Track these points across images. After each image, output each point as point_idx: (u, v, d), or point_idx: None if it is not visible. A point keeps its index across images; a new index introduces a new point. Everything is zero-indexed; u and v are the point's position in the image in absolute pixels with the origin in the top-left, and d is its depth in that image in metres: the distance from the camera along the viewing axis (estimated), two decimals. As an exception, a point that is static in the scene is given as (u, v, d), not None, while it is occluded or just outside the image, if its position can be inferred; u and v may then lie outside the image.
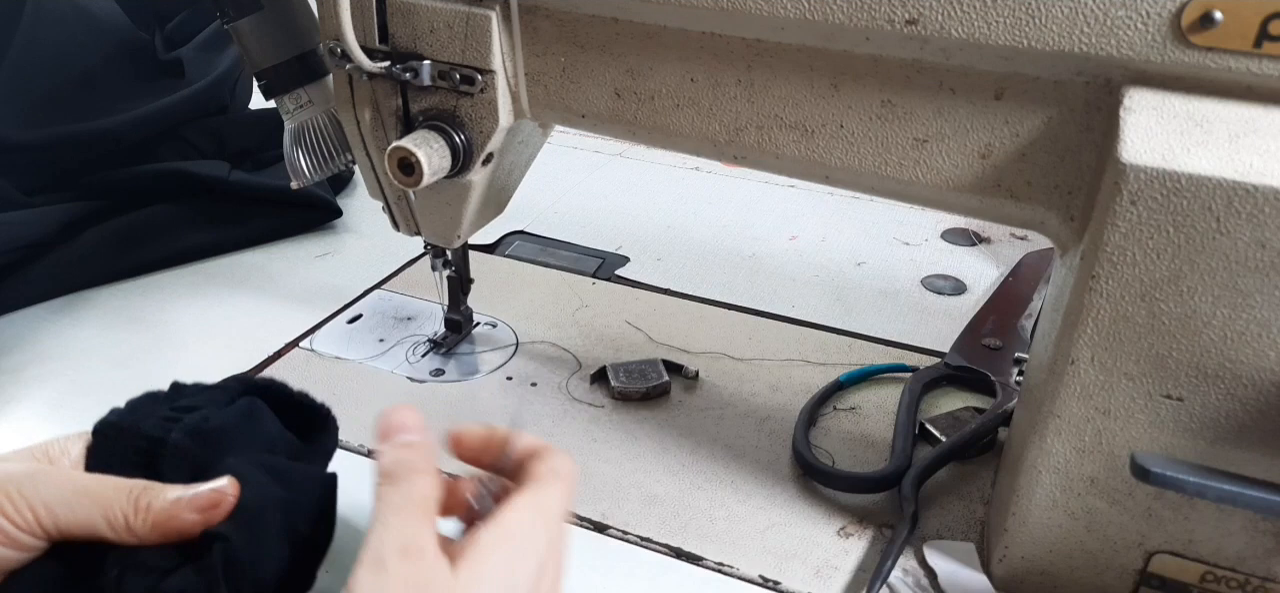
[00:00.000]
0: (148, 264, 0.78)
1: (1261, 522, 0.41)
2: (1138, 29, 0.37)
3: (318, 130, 0.60)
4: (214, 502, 0.36)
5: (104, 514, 0.34)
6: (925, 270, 0.81)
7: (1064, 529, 0.45)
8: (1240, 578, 0.43)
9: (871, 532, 0.53)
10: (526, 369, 0.67)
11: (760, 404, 0.63)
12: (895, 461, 0.56)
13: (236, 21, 0.56)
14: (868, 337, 0.71)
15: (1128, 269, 0.38)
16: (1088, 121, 0.40)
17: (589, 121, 0.52)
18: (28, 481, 0.34)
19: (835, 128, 0.46)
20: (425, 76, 0.52)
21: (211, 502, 0.36)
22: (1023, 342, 0.68)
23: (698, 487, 0.56)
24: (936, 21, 0.40)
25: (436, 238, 0.61)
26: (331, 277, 0.78)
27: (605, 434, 0.60)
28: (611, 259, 0.82)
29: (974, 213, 0.46)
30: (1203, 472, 0.38)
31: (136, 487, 0.35)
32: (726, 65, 0.47)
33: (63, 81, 0.81)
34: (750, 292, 0.77)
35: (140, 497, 0.35)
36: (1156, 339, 0.39)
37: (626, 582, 0.50)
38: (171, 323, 0.72)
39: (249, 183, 0.83)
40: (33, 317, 0.72)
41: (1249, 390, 0.39)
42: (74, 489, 0.35)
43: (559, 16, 0.50)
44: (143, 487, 0.35)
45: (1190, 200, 0.36)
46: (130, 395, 0.42)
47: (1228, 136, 0.36)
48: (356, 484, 0.41)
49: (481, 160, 0.55)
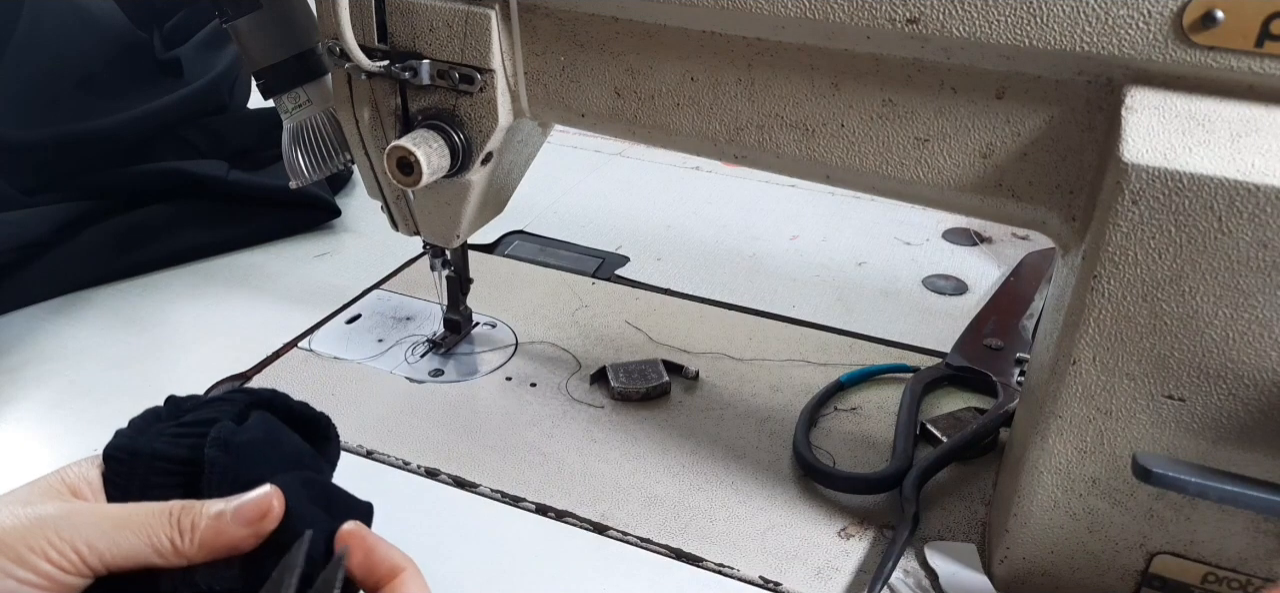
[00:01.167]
0: (146, 264, 0.78)
1: (1263, 523, 0.41)
2: (1139, 28, 0.37)
3: (316, 130, 0.60)
4: (262, 512, 0.35)
5: (149, 542, 0.34)
6: (926, 270, 0.81)
7: (1065, 530, 0.45)
8: (1242, 579, 0.42)
9: (872, 533, 0.53)
10: (526, 369, 0.66)
11: (761, 405, 0.63)
12: (896, 461, 0.56)
13: (235, 20, 0.56)
14: (869, 337, 0.71)
15: (1129, 269, 0.38)
16: (1089, 121, 0.40)
17: (589, 121, 0.52)
18: (65, 522, 0.34)
19: (836, 127, 0.46)
20: (424, 76, 0.52)
21: (259, 512, 0.35)
22: (1024, 342, 0.67)
23: (698, 488, 0.56)
24: (938, 20, 0.40)
25: (435, 238, 0.61)
26: (330, 276, 0.78)
27: (605, 435, 0.60)
28: (611, 259, 0.82)
29: (975, 212, 0.46)
30: (1204, 472, 0.38)
31: (175, 508, 0.35)
32: (727, 64, 0.47)
33: (61, 81, 0.81)
34: (750, 292, 0.77)
35: (181, 518, 0.35)
36: (1158, 339, 0.39)
37: (626, 583, 0.50)
38: (170, 323, 0.72)
39: (247, 182, 0.83)
40: (31, 317, 0.72)
41: (1251, 391, 0.38)
42: (113, 522, 0.34)
43: (559, 15, 0.49)
44: (181, 507, 0.35)
45: (1192, 200, 0.36)
46: (128, 395, 0.41)
47: (1229, 136, 0.36)
48: (356, 485, 0.41)
49: (481, 160, 0.54)
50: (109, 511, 0.35)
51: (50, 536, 0.33)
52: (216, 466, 0.37)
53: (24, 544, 0.33)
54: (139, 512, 0.35)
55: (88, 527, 0.34)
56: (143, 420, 0.40)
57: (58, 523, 0.34)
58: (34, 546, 0.33)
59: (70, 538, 0.33)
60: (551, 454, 0.58)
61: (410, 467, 0.57)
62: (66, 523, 0.34)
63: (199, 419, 0.39)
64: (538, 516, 0.54)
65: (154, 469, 0.38)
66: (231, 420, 0.39)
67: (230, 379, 0.64)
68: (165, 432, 0.39)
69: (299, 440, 0.42)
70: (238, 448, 0.38)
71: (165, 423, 0.40)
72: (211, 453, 0.37)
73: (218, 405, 0.41)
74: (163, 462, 0.38)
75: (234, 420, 0.39)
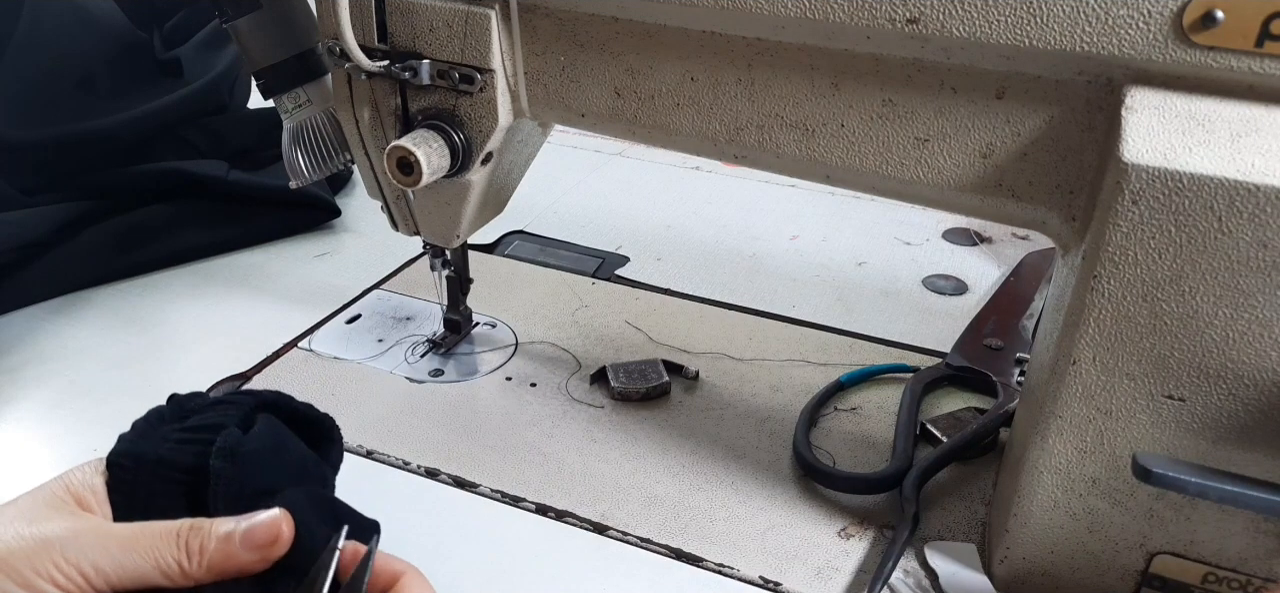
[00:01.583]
0: (146, 264, 0.78)
1: (1263, 523, 0.41)
2: (1139, 28, 0.37)
3: (316, 130, 0.60)
4: (271, 536, 0.35)
5: (155, 564, 0.34)
6: (926, 270, 0.81)
7: (1065, 530, 0.45)
8: (1242, 579, 0.42)
9: (872, 533, 0.53)
10: (526, 369, 0.66)
11: (761, 405, 0.63)
12: (896, 461, 0.56)
13: (235, 20, 0.56)
14: (869, 337, 0.71)
15: (1129, 269, 0.38)
16: (1089, 121, 0.40)
17: (589, 121, 0.52)
18: (72, 543, 0.33)
19: (836, 127, 0.46)
20: (424, 76, 0.52)
21: (269, 537, 0.35)
22: (1024, 342, 0.67)
23: (698, 488, 0.56)
24: (938, 20, 0.40)
25: (435, 238, 0.61)
26: (330, 276, 0.78)
27: (605, 435, 0.60)
28: (611, 259, 0.82)
29: (975, 212, 0.46)
30: (1204, 472, 0.38)
31: (184, 529, 0.34)
32: (727, 64, 0.47)
33: (61, 81, 0.81)
34: (750, 292, 0.77)
35: (190, 540, 0.34)
36: (1158, 339, 0.39)
37: (626, 583, 0.50)
38: (170, 323, 0.72)
39: (247, 182, 0.83)
40: (31, 317, 0.72)
41: (1251, 391, 0.38)
42: (120, 544, 0.34)
43: (558, 15, 0.49)
44: (190, 528, 0.35)
45: (1192, 200, 0.36)
46: (128, 395, 0.41)
47: (1229, 136, 0.36)
48: (356, 485, 0.41)
49: (481, 160, 0.54)
50: (115, 531, 0.35)
51: (56, 558, 0.33)
52: (222, 477, 0.37)
53: (30, 566, 0.33)
54: (146, 533, 0.34)
55: (93, 548, 0.33)
56: (146, 422, 0.40)
57: (64, 545, 0.33)
58: (40, 568, 0.33)
59: (76, 560, 0.33)
60: (551, 454, 0.58)
61: (410, 467, 0.57)
62: (72, 545, 0.33)
63: (205, 423, 0.39)
64: (538, 516, 0.54)
65: (159, 478, 0.37)
66: (237, 426, 0.39)
67: (230, 379, 0.64)
68: (170, 436, 0.38)
69: (304, 447, 0.41)
70: (244, 458, 0.37)
71: (170, 426, 0.39)
72: (217, 464, 0.37)
73: (223, 409, 0.40)
74: (167, 470, 0.37)
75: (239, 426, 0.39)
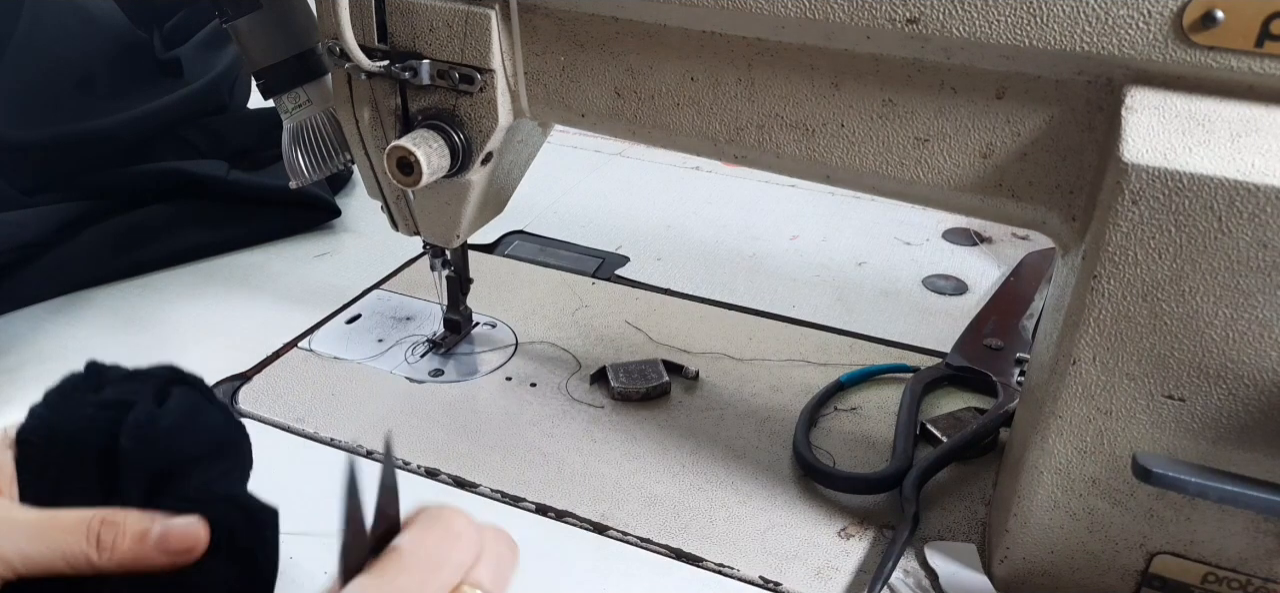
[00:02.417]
0: (146, 264, 0.78)
1: (1263, 523, 0.41)
2: (1139, 28, 0.37)
3: (316, 130, 0.60)
4: (186, 545, 0.34)
5: (63, 556, 0.33)
6: (926, 270, 0.81)
7: (1065, 530, 0.45)
8: (1242, 579, 0.42)
9: (872, 533, 0.53)
10: (526, 369, 0.66)
11: (760, 405, 0.63)
12: (896, 461, 0.56)
13: (235, 20, 0.56)
14: (869, 337, 0.71)
15: (1129, 269, 0.38)
16: (1089, 121, 0.40)
17: (589, 120, 0.52)
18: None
19: (836, 127, 0.46)
20: (424, 76, 0.52)
21: (183, 545, 0.34)
22: (1024, 342, 0.67)
23: (698, 488, 0.56)
24: (937, 20, 0.40)
25: (435, 238, 0.61)
26: (330, 276, 0.78)
27: (605, 435, 0.60)
28: (611, 259, 0.82)
29: (975, 212, 0.46)
30: (1204, 472, 0.38)
31: (94, 522, 0.34)
32: (727, 64, 0.47)
33: (61, 81, 0.81)
34: (750, 292, 0.77)
35: (102, 534, 0.33)
36: (1158, 339, 0.39)
37: (626, 583, 0.50)
38: (170, 323, 0.72)
39: (247, 182, 0.83)
40: (31, 317, 0.72)
41: (1251, 391, 0.38)
42: (27, 532, 0.33)
43: (558, 15, 0.49)
44: (101, 520, 0.34)
45: (1192, 200, 0.36)
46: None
47: (1229, 136, 0.36)
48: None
49: (481, 160, 0.54)
50: (21, 518, 0.34)
51: None
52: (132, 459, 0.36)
53: None
54: (55, 524, 0.34)
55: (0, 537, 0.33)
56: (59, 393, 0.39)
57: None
58: None
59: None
60: (551, 454, 0.58)
61: (410, 467, 0.57)
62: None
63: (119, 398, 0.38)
64: (538, 516, 0.54)
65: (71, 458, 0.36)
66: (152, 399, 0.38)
67: (230, 379, 0.64)
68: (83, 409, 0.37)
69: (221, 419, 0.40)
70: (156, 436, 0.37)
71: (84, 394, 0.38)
72: (127, 445, 0.36)
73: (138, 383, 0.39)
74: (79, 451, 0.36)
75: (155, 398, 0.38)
